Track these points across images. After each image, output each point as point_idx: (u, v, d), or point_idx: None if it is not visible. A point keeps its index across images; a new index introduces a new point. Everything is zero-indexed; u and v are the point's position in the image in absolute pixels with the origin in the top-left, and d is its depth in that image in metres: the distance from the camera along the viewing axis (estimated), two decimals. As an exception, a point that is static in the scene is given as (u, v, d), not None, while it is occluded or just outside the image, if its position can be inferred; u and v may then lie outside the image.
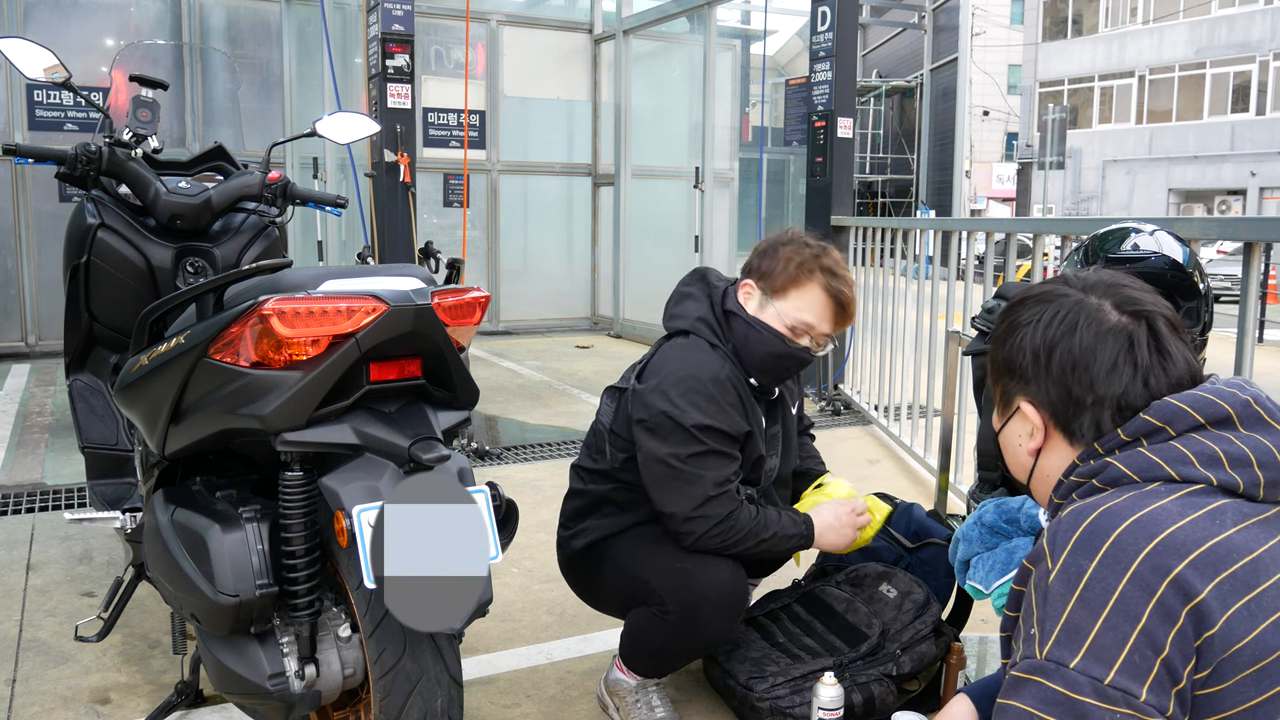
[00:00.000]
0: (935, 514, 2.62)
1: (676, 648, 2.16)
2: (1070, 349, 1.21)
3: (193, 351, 1.71)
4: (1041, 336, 1.23)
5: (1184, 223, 2.73)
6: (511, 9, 9.47)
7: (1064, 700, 1.03)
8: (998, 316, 1.34)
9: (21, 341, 7.48)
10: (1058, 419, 1.23)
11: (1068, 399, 1.21)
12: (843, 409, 5.83)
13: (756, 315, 2.19)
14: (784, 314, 2.17)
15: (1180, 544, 1.05)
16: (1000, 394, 1.32)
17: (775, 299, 2.18)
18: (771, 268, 2.19)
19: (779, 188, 11.76)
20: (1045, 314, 1.24)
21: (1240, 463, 1.12)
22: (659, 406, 2.09)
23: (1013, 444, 1.31)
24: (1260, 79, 26.03)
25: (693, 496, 2.07)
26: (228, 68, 8.13)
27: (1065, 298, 1.24)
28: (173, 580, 1.79)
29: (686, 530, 2.09)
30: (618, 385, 2.30)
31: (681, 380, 2.10)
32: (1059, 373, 1.21)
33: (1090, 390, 1.19)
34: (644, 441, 2.11)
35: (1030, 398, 1.25)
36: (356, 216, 6.93)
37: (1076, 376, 1.20)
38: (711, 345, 2.18)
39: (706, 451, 2.08)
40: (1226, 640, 1.03)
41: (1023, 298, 1.30)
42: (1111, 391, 1.19)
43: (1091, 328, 1.20)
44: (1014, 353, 1.26)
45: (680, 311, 2.27)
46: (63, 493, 3.95)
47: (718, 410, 2.09)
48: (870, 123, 24.60)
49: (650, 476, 2.12)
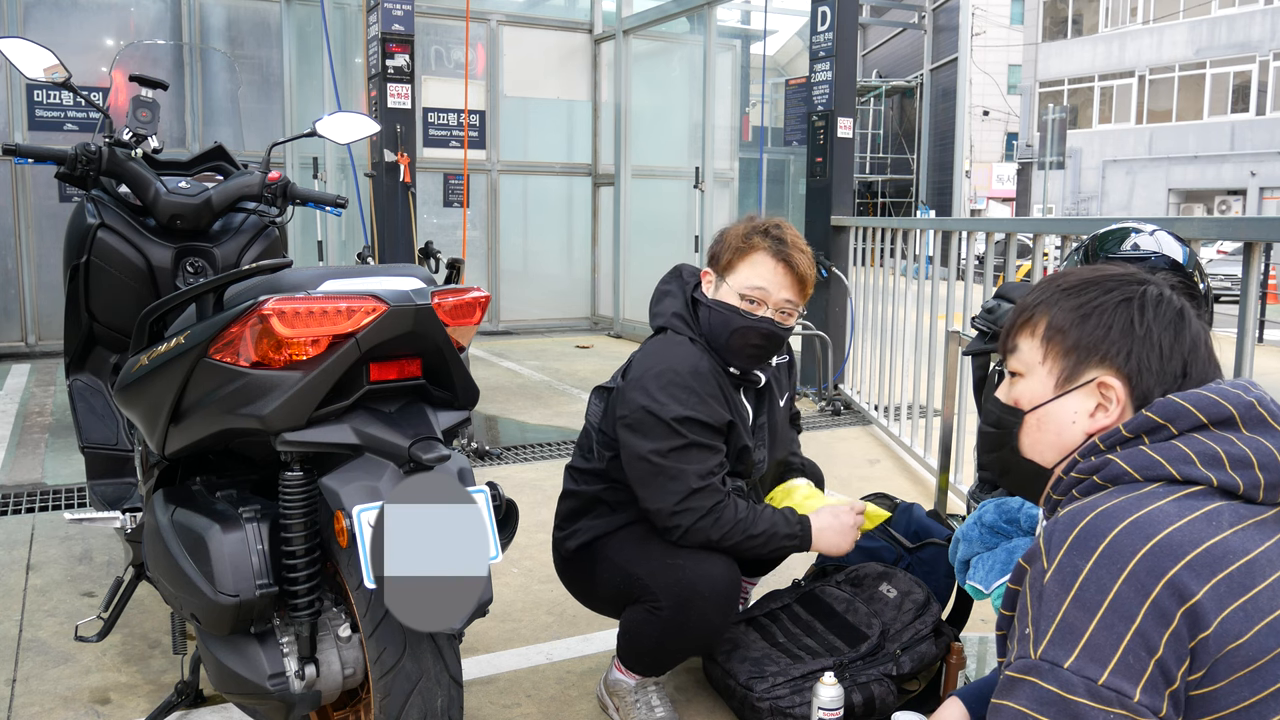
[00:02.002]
0: (935, 514, 2.63)
1: (671, 643, 2.16)
2: (1184, 331, 1.22)
3: (193, 351, 1.71)
4: (1133, 313, 1.22)
5: (1184, 223, 2.73)
6: (511, 9, 9.47)
7: (1058, 700, 1.03)
8: (1058, 296, 1.30)
9: (21, 341, 7.48)
10: (1140, 395, 1.21)
11: (1162, 373, 1.21)
12: (843, 409, 5.83)
13: (714, 297, 2.21)
14: (735, 287, 2.17)
15: (1176, 546, 1.05)
16: (1065, 365, 1.27)
17: (727, 276, 2.20)
18: (720, 249, 2.22)
19: (779, 188, 11.76)
20: (1131, 294, 1.24)
21: (1241, 464, 1.12)
22: (639, 402, 2.10)
23: (1063, 420, 1.26)
24: (1260, 79, 26.02)
25: (676, 491, 2.07)
26: (228, 68, 8.13)
27: (1133, 278, 1.26)
28: (173, 580, 1.79)
29: (673, 525, 2.09)
30: (606, 385, 2.31)
31: (660, 374, 2.11)
32: (1159, 346, 1.21)
33: (1183, 367, 1.21)
34: (626, 439, 2.12)
35: (1117, 369, 1.22)
36: (356, 216, 6.93)
37: (1172, 351, 1.21)
38: (690, 339, 2.20)
39: (688, 445, 2.08)
40: (1221, 641, 1.03)
41: (1091, 279, 1.28)
42: (1207, 375, 1.22)
43: (1171, 307, 1.23)
44: (1098, 329, 1.24)
45: (660, 309, 2.30)
46: (63, 493, 3.95)
47: (698, 401, 2.10)
48: (870, 123, 24.61)
49: (634, 474, 2.13)
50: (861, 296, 5.76)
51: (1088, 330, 1.25)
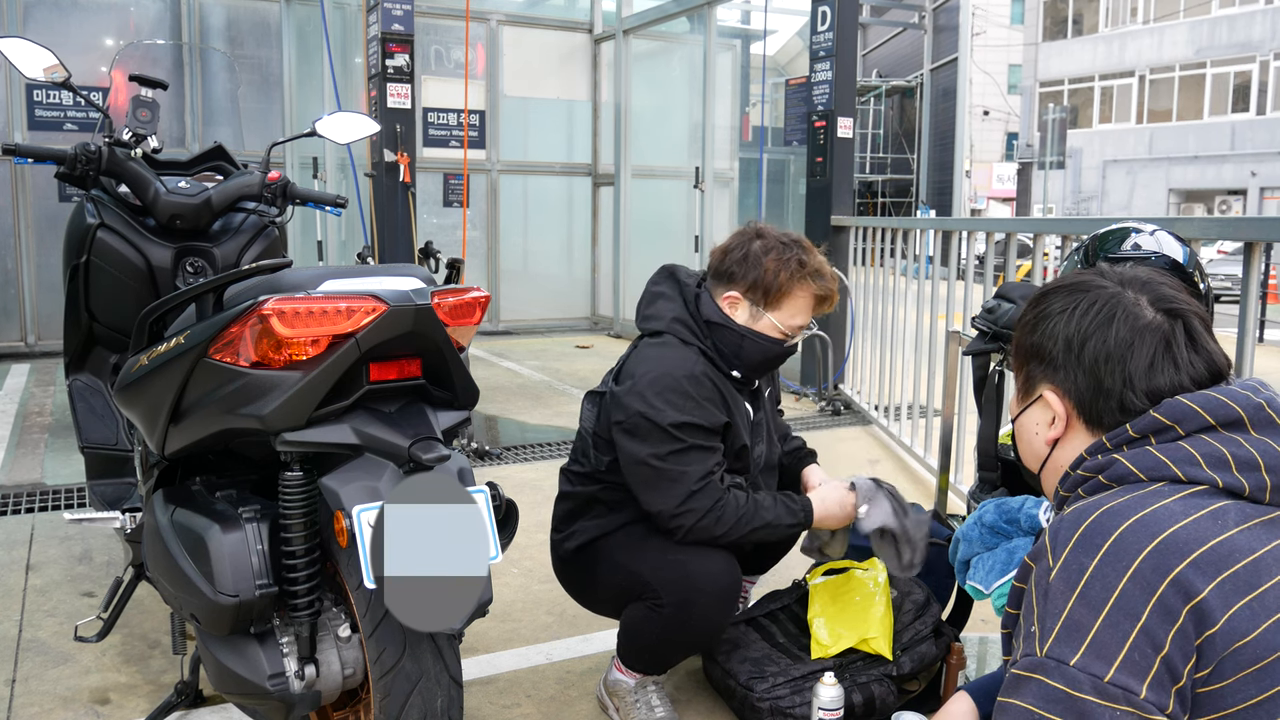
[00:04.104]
0: (935, 514, 2.62)
1: (672, 640, 2.16)
2: (1105, 340, 1.20)
3: (192, 351, 1.71)
4: (1075, 326, 1.22)
5: (1184, 223, 2.73)
6: (511, 9, 9.47)
7: (1064, 698, 1.03)
8: (1026, 304, 1.32)
9: (21, 341, 7.48)
10: (1083, 409, 1.23)
11: (1098, 389, 1.20)
12: (843, 409, 5.83)
13: (750, 326, 2.22)
14: (779, 323, 2.22)
15: (1182, 544, 1.05)
16: (1023, 380, 1.30)
17: (769, 311, 2.22)
18: (760, 279, 2.20)
19: (779, 188, 11.75)
20: (1080, 304, 1.23)
21: (1248, 466, 1.11)
22: (635, 408, 2.10)
23: (1029, 432, 1.30)
24: (1260, 79, 26.02)
25: (676, 494, 2.09)
26: (227, 68, 8.12)
27: (1101, 289, 1.23)
28: (173, 580, 1.79)
29: (675, 525, 2.11)
30: (598, 390, 2.32)
31: (656, 380, 2.11)
32: (1091, 363, 1.20)
33: (1126, 383, 1.19)
34: (624, 444, 2.13)
35: (1056, 386, 1.24)
36: (356, 216, 6.93)
37: (1110, 368, 1.19)
38: (694, 347, 2.20)
39: (686, 448, 2.09)
40: (1228, 639, 1.03)
41: (1055, 287, 1.28)
42: (1153, 385, 1.18)
43: (1128, 322, 1.20)
44: (1044, 339, 1.25)
45: (653, 312, 2.29)
46: (63, 493, 3.94)
47: (695, 406, 2.11)
48: (870, 123, 24.60)
49: (634, 478, 2.14)
50: (861, 296, 5.75)
51: (1034, 341, 1.27)
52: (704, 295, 2.27)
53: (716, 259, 2.28)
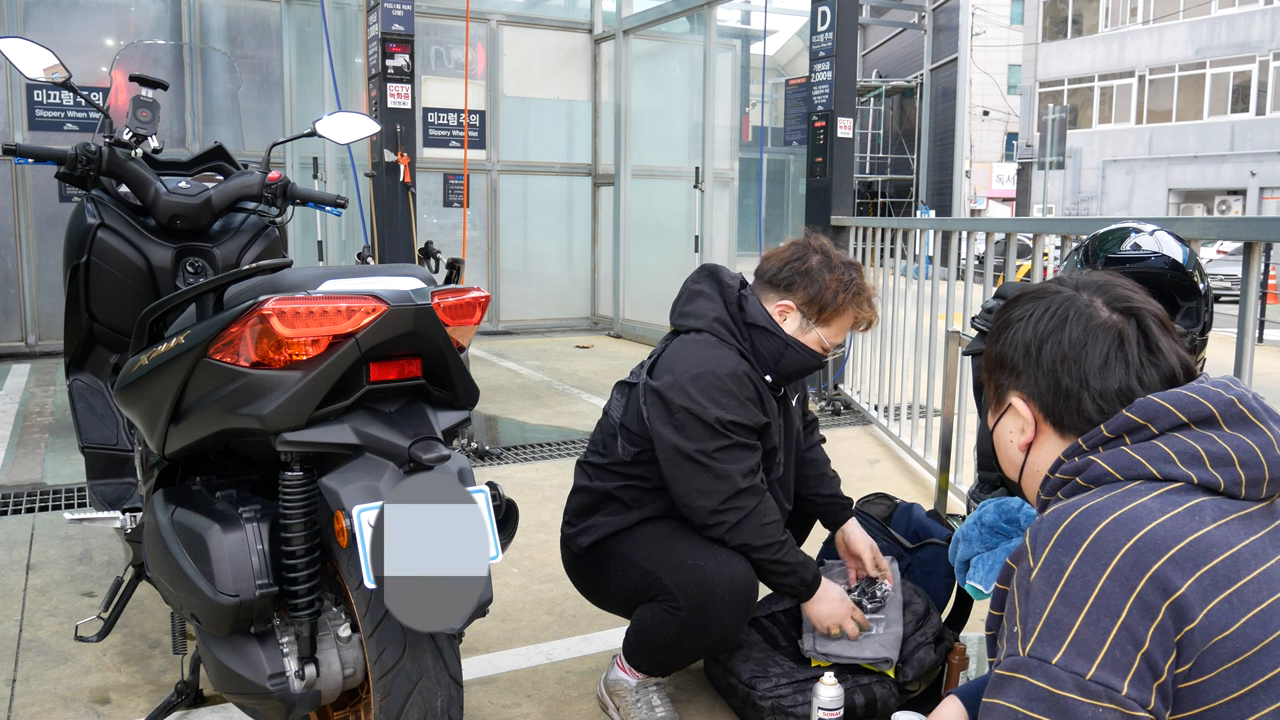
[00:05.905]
0: (935, 514, 2.62)
1: (685, 644, 2.15)
2: (1060, 342, 1.23)
3: (193, 351, 1.71)
4: (1032, 331, 1.25)
5: (1184, 223, 2.73)
6: (511, 9, 9.47)
7: (1047, 696, 1.04)
8: (994, 317, 1.35)
9: (21, 341, 7.48)
10: (1048, 411, 1.25)
11: (1058, 391, 1.23)
12: (843, 409, 5.83)
13: (797, 337, 2.23)
14: (825, 338, 2.26)
15: (1159, 540, 1.06)
16: (994, 391, 1.33)
17: (819, 326, 2.24)
18: (819, 296, 2.21)
19: (779, 188, 11.75)
20: (1037, 310, 1.26)
21: (1222, 461, 1.12)
22: (679, 403, 2.10)
23: (1005, 440, 1.33)
24: (1260, 79, 26.02)
25: (722, 490, 2.10)
26: (228, 68, 8.13)
27: (1056, 294, 1.26)
28: (173, 580, 1.79)
29: (716, 522, 2.11)
30: (628, 380, 2.31)
31: (699, 376, 2.11)
32: (1049, 365, 1.23)
33: (1082, 383, 1.21)
34: (668, 436, 2.12)
35: (1021, 391, 1.27)
36: (356, 216, 6.93)
37: (1066, 368, 1.22)
38: (723, 341, 2.20)
39: (732, 445, 2.11)
40: (1207, 634, 1.04)
41: (1016, 296, 1.32)
42: (1105, 386, 1.20)
43: (1081, 322, 1.22)
44: (1006, 348, 1.28)
45: (693, 310, 2.27)
46: (63, 493, 3.95)
47: (738, 405, 2.12)
48: (870, 123, 24.60)
49: (677, 472, 2.12)
50: (861, 296, 5.74)
51: (999, 351, 1.29)
52: (750, 299, 2.27)
53: (773, 266, 2.27)
